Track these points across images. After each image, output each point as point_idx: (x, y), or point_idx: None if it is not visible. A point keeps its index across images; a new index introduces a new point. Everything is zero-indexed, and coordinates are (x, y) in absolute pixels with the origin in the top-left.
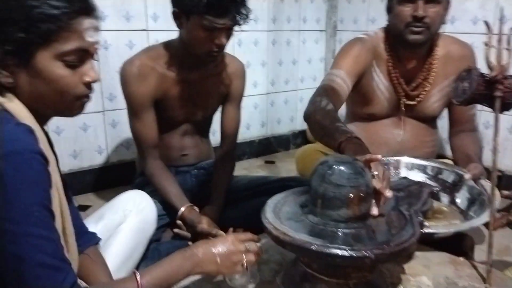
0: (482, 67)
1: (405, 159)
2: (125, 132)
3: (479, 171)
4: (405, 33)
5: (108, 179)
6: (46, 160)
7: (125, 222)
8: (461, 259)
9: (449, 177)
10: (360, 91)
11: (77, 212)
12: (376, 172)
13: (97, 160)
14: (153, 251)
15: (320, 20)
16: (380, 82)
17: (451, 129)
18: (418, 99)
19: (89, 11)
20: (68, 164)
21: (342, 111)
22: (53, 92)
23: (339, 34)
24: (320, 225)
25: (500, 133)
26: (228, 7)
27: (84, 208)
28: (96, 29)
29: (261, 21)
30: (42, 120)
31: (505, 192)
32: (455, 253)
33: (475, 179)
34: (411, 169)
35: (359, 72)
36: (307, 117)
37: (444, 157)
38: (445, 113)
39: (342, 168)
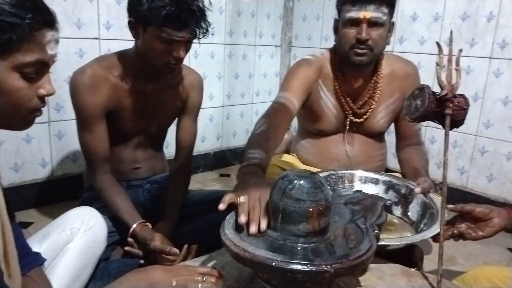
0: (428, 84)
1: (359, 173)
2: (72, 144)
3: (428, 185)
4: (350, 55)
5: (52, 194)
6: None
7: (72, 241)
8: (413, 270)
9: (400, 190)
10: (309, 109)
11: (21, 231)
12: (242, 199)
13: (41, 173)
14: (102, 271)
15: (276, 36)
16: (328, 100)
17: (398, 143)
18: (365, 116)
19: (52, 23)
20: (9, 178)
21: (295, 125)
22: (6, 104)
23: (294, 50)
24: (280, 240)
25: (443, 148)
26: (187, 21)
27: (26, 225)
28: (57, 42)
29: (218, 34)
30: None
31: (450, 206)
32: (406, 263)
33: (425, 192)
34: (364, 183)
35: (305, 92)
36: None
37: (392, 170)
38: (392, 127)
39: (302, 182)
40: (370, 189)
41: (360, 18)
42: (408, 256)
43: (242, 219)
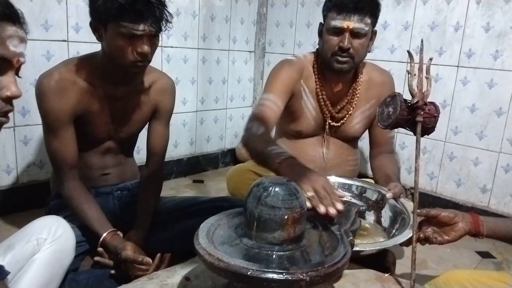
0: (399, 92)
1: (332, 178)
2: (38, 150)
3: (399, 190)
4: (331, 62)
5: (17, 202)
6: None
7: (38, 251)
8: (386, 275)
9: (372, 195)
10: (290, 108)
11: None
12: (310, 194)
13: (5, 180)
14: (71, 282)
15: (250, 41)
16: (308, 102)
17: (371, 150)
18: (342, 121)
19: (14, 18)
20: None
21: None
22: None
23: (268, 55)
24: (255, 249)
25: (413, 154)
26: (142, 12)
27: None
28: (22, 39)
29: (191, 38)
30: None
31: (418, 211)
32: (379, 268)
33: (396, 197)
34: (337, 188)
35: (288, 92)
36: (244, 145)
37: (365, 176)
38: (365, 135)
39: (277, 189)
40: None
41: (344, 27)
42: (381, 261)
43: (322, 209)
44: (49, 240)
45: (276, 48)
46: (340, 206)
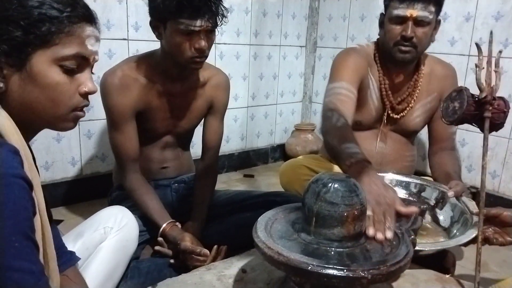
0: (466, 87)
1: (389, 176)
2: (101, 143)
3: (461, 188)
4: (394, 51)
5: (81, 192)
6: (30, 185)
7: (105, 240)
8: (447, 276)
9: (432, 194)
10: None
11: (58, 232)
12: (368, 213)
13: (70, 172)
14: (133, 270)
15: (301, 36)
16: (373, 91)
17: (431, 147)
18: (402, 113)
19: (92, 19)
20: (40, 176)
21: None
22: (46, 100)
23: (319, 50)
24: (314, 244)
25: (477, 152)
26: (200, 7)
27: (56, 223)
28: (97, 39)
29: (243, 34)
30: (30, 133)
31: (475, 211)
32: (438, 269)
33: (458, 196)
34: (394, 186)
35: (359, 79)
36: (323, 134)
37: (422, 174)
38: (423, 130)
39: (336, 186)
40: (400, 193)
41: (407, 16)
42: (440, 262)
43: (371, 232)
44: (115, 229)
45: (328, 43)
46: (390, 235)
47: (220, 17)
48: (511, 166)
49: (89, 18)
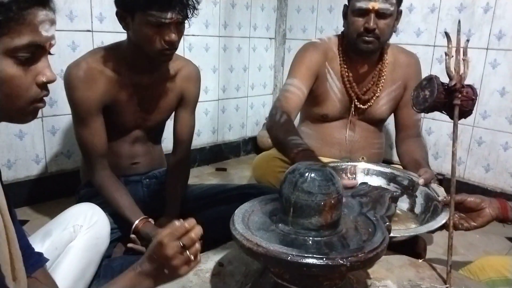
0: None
1: (361, 165)
2: (66, 139)
3: (430, 175)
4: (358, 42)
5: (47, 191)
6: None
7: (75, 238)
8: (420, 261)
9: (403, 182)
10: (314, 92)
11: (23, 232)
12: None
13: (34, 170)
14: (106, 268)
15: (270, 28)
16: (334, 84)
17: (397, 135)
18: (369, 103)
19: (44, 1)
20: (2, 175)
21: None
22: (1, 95)
23: (288, 42)
24: (292, 234)
25: (443, 140)
26: (171, 0)
27: (21, 223)
28: (52, 22)
29: (212, 26)
30: None
31: (441, 198)
32: (409, 254)
33: (427, 183)
34: (367, 174)
35: (313, 75)
36: (267, 131)
37: (390, 162)
38: (390, 120)
39: (313, 175)
40: (373, 181)
41: (369, 8)
42: (412, 247)
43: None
44: (85, 227)
45: (297, 34)
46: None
47: (191, 9)
48: (475, 152)
49: (41, 0)
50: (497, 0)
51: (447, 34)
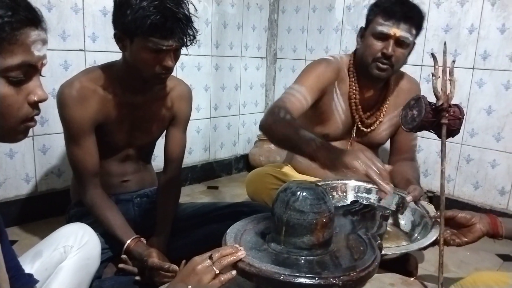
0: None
1: (352, 183)
2: (57, 158)
3: (419, 193)
4: (371, 67)
5: (37, 211)
6: None
7: (66, 259)
8: (412, 279)
9: (393, 199)
10: (318, 109)
11: (13, 252)
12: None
13: (24, 189)
14: None
15: (261, 48)
16: (339, 104)
17: (392, 157)
18: (372, 127)
19: (37, 22)
20: None
21: None
22: None
23: (279, 61)
24: (284, 254)
25: (432, 157)
26: (173, 28)
27: (10, 243)
28: (44, 42)
29: (205, 46)
30: None
31: (432, 214)
32: (401, 272)
33: (416, 200)
34: (357, 192)
35: (320, 90)
36: (266, 127)
37: None
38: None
39: (305, 194)
40: (364, 198)
41: (390, 34)
42: (404, 265)
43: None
44: (75, 247)
45: (288, 54)
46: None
47: (190, 37)
48: (464, 170)
49: (34, 21)
50: (481, 21)
51: (433, 56)
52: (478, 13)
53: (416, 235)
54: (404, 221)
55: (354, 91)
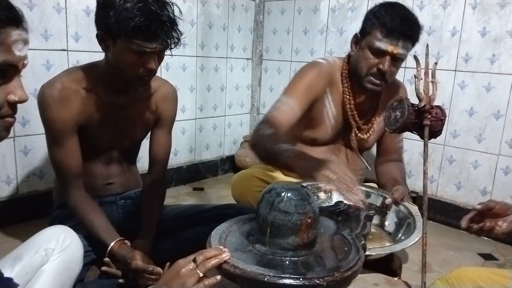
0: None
1: None
2: (39, 160)
3: (401, 193)
4: (365, 80)
5: (18, 213)
6: None
7: (47, 262)
8: (396, 279)
9: (377, 200)
10: (309, 115)
11: None
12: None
13: (5, 191)
14: None
15: (247, 49)
16: (330, 110)
17: (378, 158)
18: (368, 133)
19: (18, 21)
20: None
21: None
22: None
23: (265, 62)
24: (269, 255)
25: (415, 158)
26: (157, 31)
27: None
28: (25, 42)
29: (190, 46)
30: None
31: (477, 206)
32: (385, 272)
33: (396, 201)
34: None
35: (311, 98)
36: (252, 146)
37: (366, 180)
38: None
39: (289, 195)
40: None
41: (388, 51)
42: (388, 265)
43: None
44: (57, 250)
45: (274, 55)
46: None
47: (174, 40)
48: (447, 171)
49: (15, 20)
50: (463, 24)
51: (416, 58)
52: (460, 17)
53: (400, 235)
54: (388, 221)
55: (348, 97)
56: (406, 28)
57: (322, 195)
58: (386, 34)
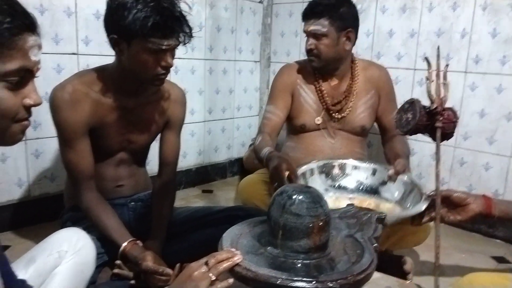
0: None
1: (350, 162)
2: (50, 162)
3: (401, 166)
4: (309, 61)
5: (30, 215)
6: None
7: (60, 264)
8: (408, 282)
9: (383, 173)
10: (292, 106)
11: (5, 258)
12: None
13: (17, 194)
14: None
15: (255, 52)
16: (308, 96)
17: (383, 137)
18: (344, 113)
19: (33, 27)
20: None
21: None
22: None
23: (273, 65)
24: (281, 257)
25: (426, 160)
26: (173, 27)
27: (3, 249)
28: (40, 47)
29: (198, 49)
30: None
31: (428, 193)
32: (397, 275)
33: (398, 174)
34: (352, 169)
35: (287, 97)
36: (255, 156)
37: None
38: (374, 140)
39: (301, 197)
40: (360, 175)
41: (305, 31)
42: (399, 268)
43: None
44: (70, 253)
45: (282, 58)
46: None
47: (188, 35)
48: (458, 173)
49: (31, 27)
50: (473, 26)
51: (427, 60)
52: (470, 18)
53: (408, 205)
54: (397, 192)
55: (319, 83)
56: (311, 7)
57: (335, 170)
58: (303, 18)
